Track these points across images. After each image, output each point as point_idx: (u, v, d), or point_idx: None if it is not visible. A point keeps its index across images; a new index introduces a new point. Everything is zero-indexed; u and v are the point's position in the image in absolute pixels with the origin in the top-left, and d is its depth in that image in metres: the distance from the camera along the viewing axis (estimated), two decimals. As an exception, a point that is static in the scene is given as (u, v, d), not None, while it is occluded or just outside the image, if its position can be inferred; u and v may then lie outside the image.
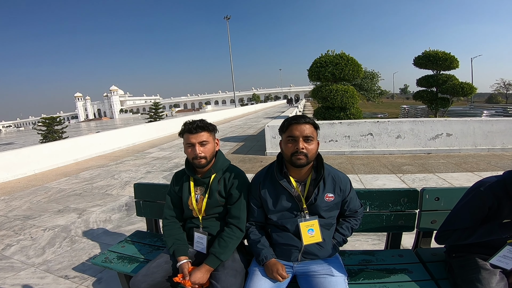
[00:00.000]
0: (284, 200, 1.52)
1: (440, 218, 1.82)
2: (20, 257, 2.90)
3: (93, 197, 4.79)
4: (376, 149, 6.68)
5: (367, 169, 5.38)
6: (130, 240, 2.20)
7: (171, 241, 1.67)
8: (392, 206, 1.85)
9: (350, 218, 1.64)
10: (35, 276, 2.54)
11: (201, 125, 1.62)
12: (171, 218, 1.79)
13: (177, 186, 1.79)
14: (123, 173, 6.54)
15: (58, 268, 2.66)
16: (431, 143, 6.50)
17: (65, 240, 3.23)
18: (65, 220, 3.84)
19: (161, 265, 1.59)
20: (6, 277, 2.54)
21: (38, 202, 4.74)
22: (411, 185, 4.40)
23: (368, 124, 6.75)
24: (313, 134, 1.45)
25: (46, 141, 17.50)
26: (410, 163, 5.64)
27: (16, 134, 49.52)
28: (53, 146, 8.61)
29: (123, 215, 3.86)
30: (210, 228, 1.69)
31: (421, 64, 12.99)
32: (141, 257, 1.92)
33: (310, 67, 9.41)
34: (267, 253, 1.50)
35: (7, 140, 31.34)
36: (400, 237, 1.95)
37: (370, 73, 21.02)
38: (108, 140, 10.53)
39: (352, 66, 8.65)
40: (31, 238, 3.33)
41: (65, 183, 6.01)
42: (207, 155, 1.63)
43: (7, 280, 2.48)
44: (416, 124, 6.55)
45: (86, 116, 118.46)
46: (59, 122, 20.12)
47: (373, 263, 1.72)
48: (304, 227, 1.47)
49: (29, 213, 4.24)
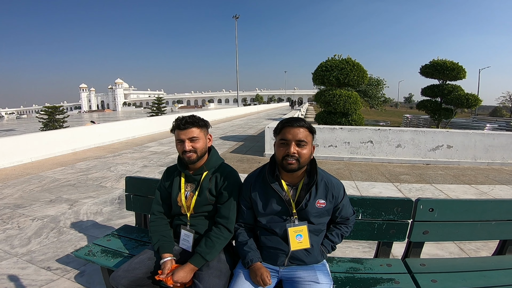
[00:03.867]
0: (274, 203, 1.48)
1: (433, 230, 1.79)
2: (3, 246, 2.85)
3: (86, 189, 4.75)
4: (375, 157, 6.63)
5: (364, 176, 5.34)
6: (117, 234, 2.16)
7: (157, 237, 1.63)
8: (385, 214, 1.81)
9: (341, 225, 1.60)
10: (16, 267, 2.49)
11: (190, 121, 1.59)
12: (158, 214, 1.75)
13: (168, 182, 1.75)
14: (119, 165, 6.50)
15: (41, 259, 2.61)
16: (431, 154, 6.44)
17: (52, 231, 3.19)
18: (56, 210, 3.80)
19: (144, 261, 1.56)
20: None
21: (31, 191, 4.70)
22: (407, 194, 4.35)
23: (369, 131, 6.70)
24: (307, 139, 1.40)
25: (46, 129, 17.50)
26: (408, 173, 5.59)
27: (18, 122, 49.63)
28: (52, 134, 8.58)
29: (115, 208, 3.82)
30: (198, 227, 1.66)
31: (428, 73, 12.93)
32: (125, 252, 1.88)
33: (315, 70, 9.38)
34: (253, 256, 1.46)
35: (8, 127, 31.41)
36: (391, 246, 1.91)
37: (375, 80, 20.97)
38: (108, 132, 10.51)
39: (357, 71, 8.61)
40: (18, 228, 3.29)
41: (60, 172, 5.98)
42: (197, 151, 1.60)
43: None
44: (417, 134, 6.50)
45: (89, 107, 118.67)
46: (61, 111, 20.09)
47: (360, 271, 1.69)
48: (293, 232, 1.44)
49: (20, 202, 4.20)
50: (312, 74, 9.56)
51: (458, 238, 1.88)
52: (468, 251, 2.74)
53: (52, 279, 2.30)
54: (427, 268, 1.70)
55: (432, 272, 1.67)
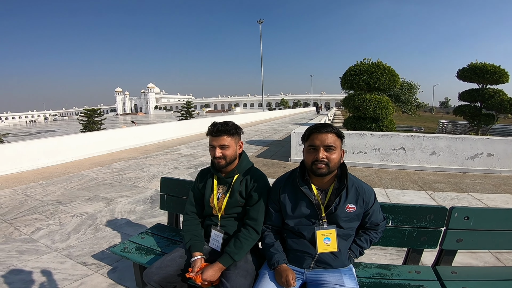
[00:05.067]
0: (303, 206, 1.50)
1: (468, 238, 1.73)
2: (46, 241, 3.06)
3: (121, 188, 5.03)
4: (407, 164, 6.35)
5: (395, 184, 5.14)
6: (150, 232, 2.28)
7: (189, 236, 1.71)
8: (416, 222, 1.77)
9: (370, 230, 1.59)
10: (55, 261, 2.65)
11: (223, 129, 1.65)
12: (191, 214, 1.83)
13: (201, 183, 1.83)
14: (151, 166, 6.81)
15: (78, 254, 2.77)
16: (469, 162, 6.05)
17: (90, 228, 3.39)
18: (93, 208, 4.05)
19: (176, 259, 1.64)
20: (29, 259, 2.66)
21: (72, 189, 5.06)
22: (442, 203, 4.13)
23: (401, 138, 6.44)
24: (335, 143, 1.41)
25: (85, 130, 18.75)
26: (442, 181, 5.29)
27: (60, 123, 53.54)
28: (91, 136, 9.18)
29: (147, 208, 4.00)
30: (227, 227, 1.72)
31: (466, 77, 12.16)
32: (158, 250, 1.99)
33: (343, 74, 9.21)
34: (279, 258, 1.49)
35: (52, 128, 34.03)
36: (421, 254, 1.86)
37: (408, 84, 20.07)
38: (142, 134, 11.04)
39: (388, 75, 8.34)
40: (60, 223, 3.53)
41: (98, 172, 6.38)
42: (227, 158, 1.66)
43: (29, 263, 2.60)
44: (454, 141, 6.14)
45: (123, 110, 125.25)
46: (99, 114, 21.45)
47: (387, 277, 1.66)
48: (321, 235, 1.45)
49: (62, 198, 4.52)
50: (341, 79, 9.40)
51: (494, 247, 1.79)
52: (505, 261, 2.57)
53: (87, 274, 2.42)
54: (458, 276, 1.64)
55: (463, 280, 1.60)
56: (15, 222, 3.57)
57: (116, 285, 2.27)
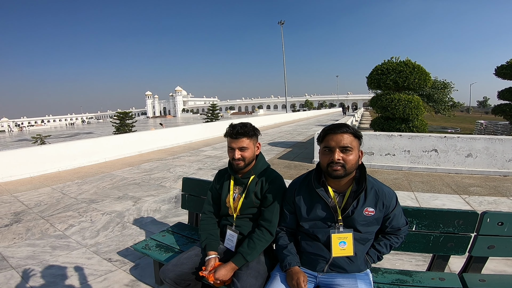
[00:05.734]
0: (319, 209, 1.46)
1: (501, 244, 1.60)
2: (77, 237, 3.25)
3: (149, 187, 5.23)
4: (439, 167, 5.99)
5: (426, 187, 4.87)
6: (171, 230, 2.35)
7: (205, 235, 1.74)
8: (443, 227, 1.66)
9: (391, 235, 1.51)
10: (83, 256, 2.79)
11: (241, 132, 1.67)
12: (209, 213, 1.87)
13: (219, 184, 1.87)
14: (177, 167, 7.02)
15: (105, 250, 2.90)
16: (509, 165, 5.58)
17: (117, 225, 3.56)
18: (122, 206, 4.25)
19: (191, 258, 1.67)
20: (60, 255, 2.83)
21: (104, 188, 5.34)
22: (477, 207, 3.85)
23: (433, 139, 6.09)
24: (352, 144, 1.36)
25: (118, 132, 19.74)
26: (479, 185, 4.93)
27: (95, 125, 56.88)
28: (122, 138, 9.68)
29: (171, 207, 4.13)
30: (242, 228, 1.72)
31: (505, 74, 11.27)
32: (176, 248, 2.04)
33: (369, 74, 8.93)
34: (291, 260, 1.46)
35: (88, 130, 36.26)
36: (447, 260, 1.74)
37: (441, 83, 18.98)
38: (169, 136, 11.45)
39: (418, 74, 7.96)
40: (91, 221, 3.74)
41: (128, 172, 6.69)
42: (245, 159, 1.68)
43: (60, 258, 2.76)
44: (492, 142, 5.70)
45: (153, 113, 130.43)
46: (130, 117, 22.48)
47: (407, 283, 1.57)
48: (336, 239, 1.40)
49: (94, 197, 4.79)
50: (367, 78, 9.10)
51: None
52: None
53: (111, 270, 2.53)
54: (486, 284, 1.51)
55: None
56: (51, 219, 3.83)
57: (137, 281, 2.35)
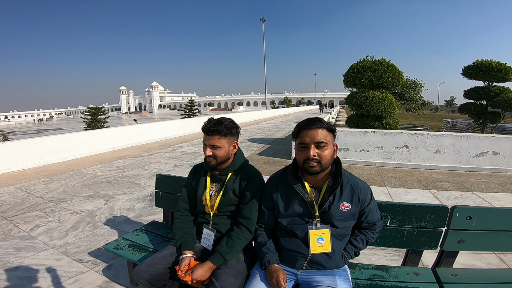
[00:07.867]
0: (296, 205, 1.44)
1: (470, 239, 1.67)
2: (44, 238, 3.06)
3: (122, 185, 5.02)
4: (410, 163, 6.26)
5: (398, 183, 5.06)
6: (145, 229, 2.25)
7: (180, 234, 1.67)
8: (416, 221, 1.70)
9: (367, 230, 1.53)
10: (52, 258, 2.64)
11: (215, 129, 1.58)
12: (184, 211, 1.79)
13: (194, 181, 1.79)
14: (153, 164, 6.80)
15: (75, 251, 2.76)
16: (474, 160, 5.94)
17: (88, 225, 3.38)
18: (93, 205, 4.04)
19: (166, 257, 1.60)
20: (26, 256, 2.66)
21: (73, 186, 5.06)
22: (445, 202, 4.05)
23: (405, 136, 6.34)
24: (326, 139, 1.34)
25: (89, 128, 18.86)
26: (447, 180, 5.21)
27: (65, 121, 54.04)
28: (94, 134, 9.21)
29: (146, 205, 3.99)
30: (220, 226, 1.67)
31: (471, 75, 11.95)
32: (150, 247, 1.95)
33: (346, 72, 9.10)
34: (270, 258, 1.44)
35: (57, 126, 34.36)
36: (420, 255, 1.80)
37: (412, 82, 19.84)
38: (144, 132, 11.06)
39: (392, 73, 8.22)
40: (59, 221, 3.52)
41: (100, 169, 6.39)
42: (217, 158, 1.61)
43: (26, 260, 2.60)
44: (459, 139, 6.03)
45: (128, 108, 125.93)
46: (102, 112, 21.62)
47: (384, 279, 1.60)
48: (314, 235, 1.39)
49: (63, 196, 4.52)
50: (343, 76, 9.29)
51: (498, 248, 1.72)
52: (510, 263, 2.51)
53: (82, 271, 2.41)
54: (459, 278, 1.58)
55: (463, 283, 1.54)
56: (15, 219, 3.57)
57: (111, 282, 2.25)
